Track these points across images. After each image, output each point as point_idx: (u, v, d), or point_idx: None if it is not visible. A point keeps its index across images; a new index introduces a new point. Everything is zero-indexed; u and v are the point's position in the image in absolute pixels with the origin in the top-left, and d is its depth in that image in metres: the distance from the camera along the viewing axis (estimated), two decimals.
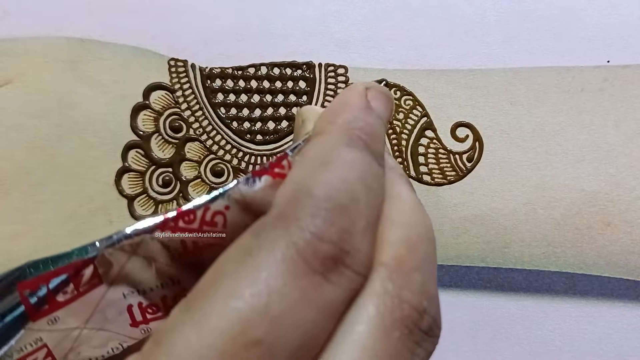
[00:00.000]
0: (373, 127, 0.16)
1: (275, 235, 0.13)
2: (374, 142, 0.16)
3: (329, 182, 0.14)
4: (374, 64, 0.30)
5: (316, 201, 0.14)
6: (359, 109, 0.17)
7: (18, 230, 0.26)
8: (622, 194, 0.27)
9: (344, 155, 0.15)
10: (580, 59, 0.30)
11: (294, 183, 0.15)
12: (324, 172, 0.14)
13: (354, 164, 0.15)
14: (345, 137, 0.16)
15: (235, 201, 0.15)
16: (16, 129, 0.26)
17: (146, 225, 0.15)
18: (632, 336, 0.30)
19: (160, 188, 0.28)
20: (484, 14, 0.31)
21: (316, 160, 0.15)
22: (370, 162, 0.15)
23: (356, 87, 0.18)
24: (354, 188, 0.14)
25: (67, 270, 0.14)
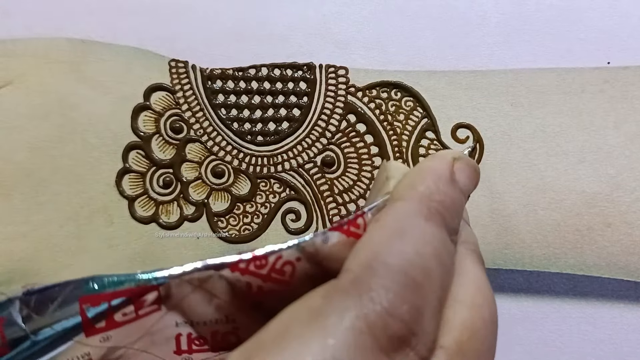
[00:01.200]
0: (454, 201, 0.16)
1: (347, 302, 0.13)
2: (451, 217, 0.16)
3: (404, 254, 0.14)
4: (374, 65, 0.30)
5: (391, 273, 0.13)
6: (443, 180, 0.16)
7: (19, 231, 0.26)
8: (622, 195, 0.27)
9: (420, 228, 0.15)
10: (581, 60, 0.30)
11: (369, 249, 0.14)
12: (399, 243, 0.14)
13: (430, 238, 0.15)
14: (425, 209, 0.15)
15: (307, 254, 0.15)
16: (17, 130, 0.26)
17: (217, 262, 0.15)
18: (632, 337, 0.30)
19: (161, 189, 0.28)
20: (485, 16, 0.31)
21: (394, 228, 0.15)
22: (444, 238, 0.15)
23: (445, 155, 0.17)
24: (428, 264, 0.14)
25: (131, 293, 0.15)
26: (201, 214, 0.28)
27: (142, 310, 0.15)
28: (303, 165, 0.28)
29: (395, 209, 0.16)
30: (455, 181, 0.17)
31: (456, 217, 0.16)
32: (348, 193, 0.28)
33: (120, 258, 0.27)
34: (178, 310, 0.15)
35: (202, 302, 0.15)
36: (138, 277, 0.15)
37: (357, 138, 0.28)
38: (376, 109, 0.28)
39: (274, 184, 0.28)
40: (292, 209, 0.28)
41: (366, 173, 0.28)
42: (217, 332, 0.16)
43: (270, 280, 0.15)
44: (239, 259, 0.15)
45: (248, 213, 0.28)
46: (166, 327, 0.15)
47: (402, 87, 0.28)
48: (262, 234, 0.28)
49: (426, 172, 0.16)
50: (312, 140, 0.28)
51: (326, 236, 0.15)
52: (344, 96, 0.28)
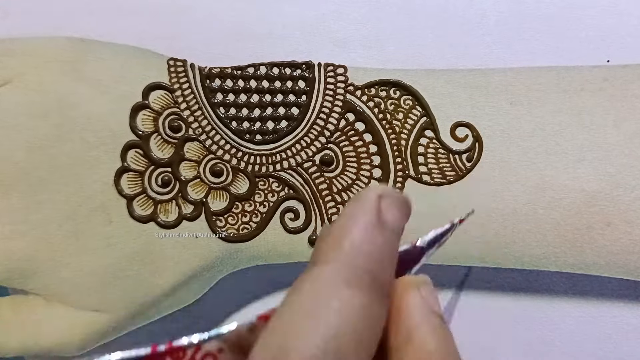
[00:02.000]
0: (383, 249, 0.15)
1: None
2: (383, 269, 0.14)
3: (315, 342, 0.13)
4: (373, 64, 0.30)
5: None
6: (369, 227, 0.15)
7: (17, 230, 0.26)
8: (622, 194, 0.27)
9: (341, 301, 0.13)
10: (580, 58, 0.30)
11: (279, 333, 0.13)
12: (312, 327, 0.13)
13: (349, 311, 0.13)
14: (349, 271, 0.14)
15: (230, 344, 0.14)
16: (15, 129, 0.26)
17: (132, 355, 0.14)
18: (632, 336, 0.30)
19: (160, 188, 0.28)
20: (484, 14, 0.31)
21: (307, 306, 0.13)
22: (370, 305, 0.14)
23: (367, 196, 0.15)
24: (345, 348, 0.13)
25: None
26: (200, 213, 0.28)
27: None
28: (302, 164, 0.28)
29: (313, 277, 0.14)
30: (383, 223, 0.15)
31: (389, 266, 0.15)
32: (347, 192, 0.28)
33: (118, 257, 0.27)
34: None
35: None
36: None
37: (356, 137, 0.28)
38: (375, 108, 0.28)
39: (273, 182, 0.28)
40: (291, 207, 0.28)
41: (365, 172, 0.28)
42: None
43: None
44: (153, 351, 0.14)
45: (247, 212, 0.28)
46: None
47: (401, 86, 0.28)
48: (261, 233, 0.28)
49: (350, 221, 0.15)
50: (310, 139, 0.28)
51: (252, 324, 0.14)
52: (343, 95, 0.28)
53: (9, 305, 0.27)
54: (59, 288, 0.26)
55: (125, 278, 0.27)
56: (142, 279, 0.27)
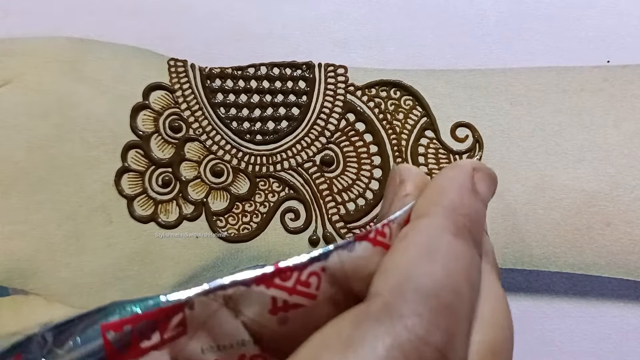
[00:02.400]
0: (478, 213, 0.16)
1: (379, 330, 0.13)
2: (477, 230, 0.16)
3: (435, 275, 0.14)
4: (373, 64, 0.30)
5: (423, 298, 0.13)
6: (465, 192, 0.16)
7: (17, 231, 0.26)
8: (622, 194, 0.27)
9: (449, 246, 0.14)
10: (580, 59, 0.30)
11: (398, 271, 0.14)
12: (430, 263, 0.14)
13: (459, 256, 0.14)
14: (452, 224, 0.15)
15: (333, 264, 0.15)
16: (16, 129, 0.26)
17: (242, 277, 0.14)
18: (632, 336, 0.30)
19: (160, 188, 0.28)
20: (484, 14, 0.31)
21: (422, 247, 0.14)
22: (473, 255, 0.15)
23: (464, 165, 0.17)
24: (459, 285, 0.14)
25: (155, 316, 0.14)
26: (200, 213, 0.28)
27: (167, 334, 0.14)
28: (302, 164, 0.28)
29: (422, 225, 0.15)
30: (477, 192, 0.16)
31: (481, 229, 0.16)
32: (347, 192, 0.28)
33: (119, 257, 0.27)
34: (204, 331, 0.15)
35: (228, 321, 0.15)
36: (161, 299, 0.14)
37: (357, 137, 0.28)
38: (375, 108, 0.28)
39: (273, 183, 0.28)
40: (291, 208, 0.28)
41: (365, 172, 0.28)
42: (244, 356, 0.15)
43: (295, 293, 0.15)
44: (263, 273, 0.15)
45: (247, 212, 0.28)
46: (192, 354, 0.15)
47: (401, 86, 0.28)
48: (261, 233, 0.28)
49: (448, 184, 0.16)
50: (311, 139, 0.28)
51: (351, 245, 0.15)
52: (343, 95, 0.28)
53: (10, 305, 0.27)
54: (60, 288, 0.26)
55: (125, 278, 0.27)
56: (143, 279, 0.27)
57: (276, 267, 0.15)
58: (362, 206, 0.28)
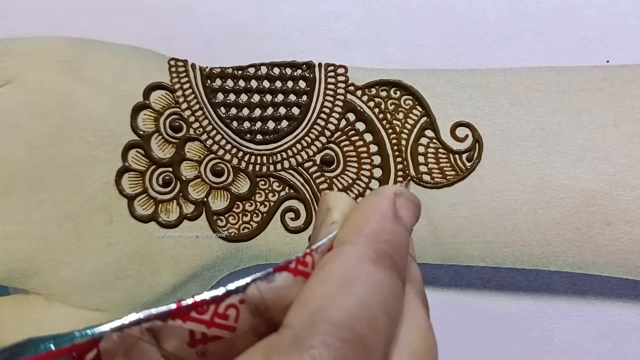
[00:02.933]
0: (400, 239, 0.16)
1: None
2: (399, 257, 0.16)
3: (350, 307, 0.13)
4: (373, 64, 0.30)
5: (334, 329, 0.13)
6: (387, 219, 0.16)
7: (18, 230, 0.26)
8: (621, 194, 0.27)
9: (368, 275, 0.14)
10: (580, 58, 0.30)
11: (312, 302, 0.14)
12: (345, 295, 0.14)
13: (378, 286, 0.14)
14: (372, 252, 0.15)
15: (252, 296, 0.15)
16: (16, 129, 0.26)
17: (158, 312, 0.14)
18: (631, 336, 0.30)
19: (161, 187, 0.28)
20: (484, 14, 0.31)
21: (339, 277, 0.14)
22: (393, 283, 0.15)
23: (385, 193, 0.17)
24: (375, 315, 0.14)
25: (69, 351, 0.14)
26: (200, 213, 0.28)
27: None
28: (302, 163, 0.28)
29: (341, 254, 0.15)
30: (399, 218, 0.16)
31: (404, 256, 0.16)
32: (347, 191, 0.28)
33: (119, 256, 0.27)
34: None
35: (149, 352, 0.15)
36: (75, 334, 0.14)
37: (357, 137, 0.28)
38: (375, 108, 0.28)
39: (274, 182, 0.28)
40: (292, 207, 0.28)
41: (365, 172, 0.28)
42: None
43: (214, 325, 0.15)
44: (178, 306, 0.14)
45: (247, 212, 0.28)
46: None
47: (402, 86, 0.28)
48: (262, 233, 0.28)
49: (370, 212, 0.16)
50: (311, 139, 0.28)
51: (271, 277, 0.15)
52: (343, 95, 0.28)
53: (10, 305, 0.27)
54: (60, 287, 0.26)
55: (125, 278, 0.27)
56: (143, 278, 0.27)
57: (193, 301, 0.14)
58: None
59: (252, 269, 0.29)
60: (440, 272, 0.31)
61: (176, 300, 0.15)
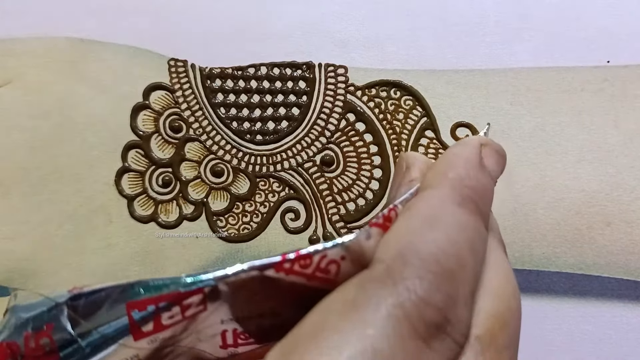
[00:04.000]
0: (485, 187, 0.16)
1: (382, 292, 0.13)
2: (483, 203, 0.16)
3: (437, 243, 0.14)
4: (373, 64, 0.30)
5: (424, 262, 0.13)
6: (472, 166, 0.16)
7: (18, 230, 0.26)
8: (622, 194, 0.27)
9: (454, 215, 0.15)
10: (580, 59, 0.30)
11: (400, 238, 0.14)
12: (433, 231, 0.14)
13: (463, 226, 0.14)
14: (457, 195, 0.15)
15: (352, 252, 0.15)
16: (16, 129, 0.26)
17: (262, 263, 0.15)
18: (631, 336, 0.30)
19: (160, 188, 0.28)
20: (484, 15, 0.31)
21: (425, 216, 0.15)
22: (478, 226, 0.15)
23: (471, 141, 0.17)
24: (461, 252, 0.14)
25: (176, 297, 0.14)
26: (200, 213, 0.28)
27: (188, 312, 0.15)
28: (302, 164, 0.28)
29: (427, 196, 0.15)
30: (484, 166, 0.17)
31: (487, 203, 0.16)
32: (347, 192, 0.28)
33: (119, 257, 0.27)
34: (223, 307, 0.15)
35: (246, 300, 0.15)
36: (183, 281, 0.14)
37: (357, 137, 0.28)
38: (375, 108, 0.28)
39: (273, 183, 0.28)
40: (291, 208, 0.28)
41: (365, 172, 0.28)
42: (263, 325, 0.16)
43: (314, 279, 0.15)
44: (283, 259, 0.15)
45: (247, 212, 0.28)
46: (212, 325, 0.15)
47: (402, 86, 0.28)
48: (261, 233, 0.28)
49: (455, 159, 0.16)
50: (311, 140, 0.28)
51: (369, 232, 0.15)
52: (343, 95, 0.28)
53: None
54: (60, 288, 0.26)
55: (125, 278, 0.27)
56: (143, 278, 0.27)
57: (297, 253, 0.15)
58: (362, 206, 0.28)
59: None
60: None
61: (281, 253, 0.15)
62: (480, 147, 0.17)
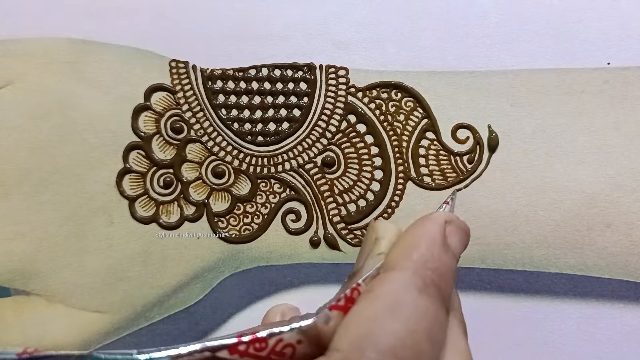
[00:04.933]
0: (447, 267, 0.16)
1: None
2: (445, 284, 0.16)
3: (396, 334, 0.14)
4: (374, 66, 0.30)
5: (381, 354, 0.13)
6: (437, 246, 0.16)
7: (19, 231, 0.26)
8: (622, 196, 0.27)
9: (414, 302, 0.14)
10: (581, 60, 0.30)
11: (360, 325, 0.14)
12: (392, 321, 0.14)
13: (423, 313, 0.14)
14: (419, 280, 0.15)
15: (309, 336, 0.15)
16: (17, 130, 0.26)
17: (216, 344, 0.15)
18: (632, 338, 0.30)
19: (161, 189, 0.28)
20: (485, 16, 0.31)
21: (386, 302, 0.14)
22: (438, 312, 0.15)
23: (436, 219, 0.17)
24: (419, 343, 0.14)
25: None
26: (201, 214, 0.28)
27: None
28: (303, 165, 0.28)
29: (389, 280, 0.15)
30: (448, 246, 0.16)
31: (450, 284, 0.16)
32: (348, 193, 0.28)
33: (120, 258, 0.27)
34: None
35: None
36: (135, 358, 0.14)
37: (358, 138, 0.28)
38: (376, 110, 0.28)
39: (274, 184, 0.28)
40: (293, 209, 0.28)
41: (366, 173, 0.28)
42: None
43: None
44: (239, 341, 0.15)
45: (248, 213, 0.28)
46: None
47: (402, 88, 0.28)
48: (263, 234, 0.28)
49: (419, 238, 0.16)
50: (312, 141, 0.28)
51: (328, 316, 0.15)
52: (344, 97, 0.28)
53: (11, 306, 0.27)
54: (61, 289, 0.26)
55: (126, 279, 0.27)
56: (144, 280, 0.27)
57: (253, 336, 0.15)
58: (363, 207, 0.28)
59: (253, 271, 0.29)
60: None
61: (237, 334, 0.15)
62: (444, 225, 0.17)
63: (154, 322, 0.29)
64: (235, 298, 0.32)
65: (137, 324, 0.28)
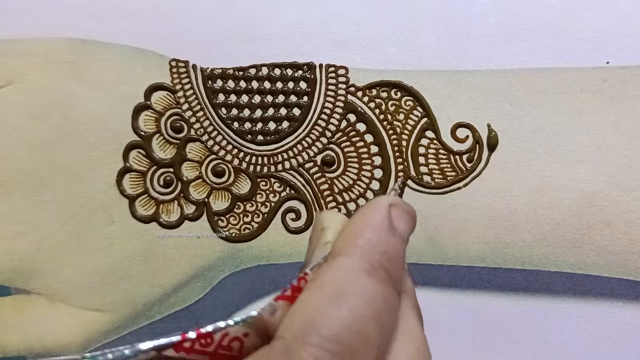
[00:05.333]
0: (395, 250, 0.16)
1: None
2: (395, 268, 0.15)
3: (340, 320, 0.13)
4: (374, 65, 0.30)
5: (324, 341, 0.13)
6: (383, 230, 0.16)
7: (20, 231, 0.26)
8: (621, 195, 0.27)
9: (362, 286, 0.14)
10: (580, 60, 0.30)
11: (304, 313, 0.14)
12: (338, 307, 0.14)
13: (371, 297, 0.14)
14: (367, 263, 0.15)
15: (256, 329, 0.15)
16: (17, 130, 0.26)
17: (160, 343, 0.14)
18: (631, 336, 0.30)
19: (162, 188, 0.28)
20: (484, 15, 0.31)
21: (332, 289, 0.14)
22: (388, 294, 0.15)
23: (380, 203, 0.17)
24: (366, 327, 0.14)
25: None
26: (201, 213, 0.28)
27: None
28: (303, 164, 0.28)
29: (335, 266, 0.15)
30: (394, 229, 0.16)
31: (400, 267, 0.16)
32: (348, 192, 0.28)
33: (120, 257, 0.27)
34: None
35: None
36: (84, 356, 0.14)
37: (357, 137, 0.28)
38: (376, 109, 0.28)
39: (274, 183, 0.28)
40: (292, 208, 0.28)
41: (366, 172, 0.28)
42: None
43: (218, 356, 0.15)
44: (183, 338, 0.14)
45: (248, 212, 0.28)
46: None
47: (402, 87, 0.28)
48: (263, 233, 0.28)
49: (365, 224, 0.16)
50: (312, 140, 0.28)
51: (274, 307, 0.15)
52: (344, 96, 0.28)
53: (12, 305, 0.27)
54: (61, 288, 0.26)
55: (127, 278, 0.27)
56: (144, 278, 0.27)
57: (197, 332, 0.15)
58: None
59: (253, 270, 0.29)
60: (440, 273, 0.31)
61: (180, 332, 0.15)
62: (389, 209, 0.16)
63: (154, 320, 0.29)
64: (235, 297, 0.32)
65: (138, 323, 0.28)
